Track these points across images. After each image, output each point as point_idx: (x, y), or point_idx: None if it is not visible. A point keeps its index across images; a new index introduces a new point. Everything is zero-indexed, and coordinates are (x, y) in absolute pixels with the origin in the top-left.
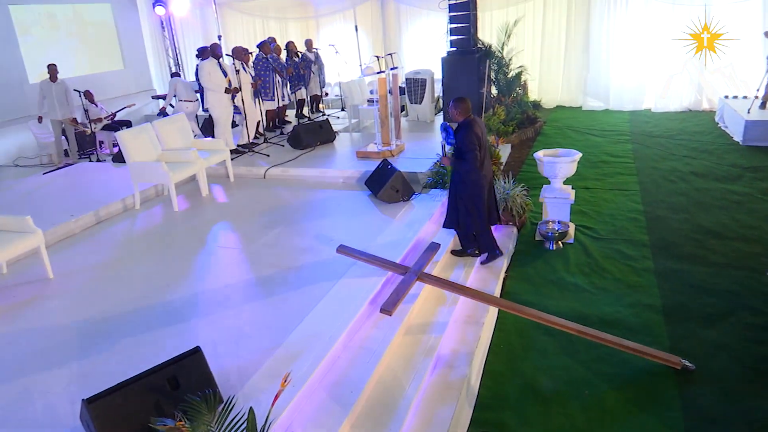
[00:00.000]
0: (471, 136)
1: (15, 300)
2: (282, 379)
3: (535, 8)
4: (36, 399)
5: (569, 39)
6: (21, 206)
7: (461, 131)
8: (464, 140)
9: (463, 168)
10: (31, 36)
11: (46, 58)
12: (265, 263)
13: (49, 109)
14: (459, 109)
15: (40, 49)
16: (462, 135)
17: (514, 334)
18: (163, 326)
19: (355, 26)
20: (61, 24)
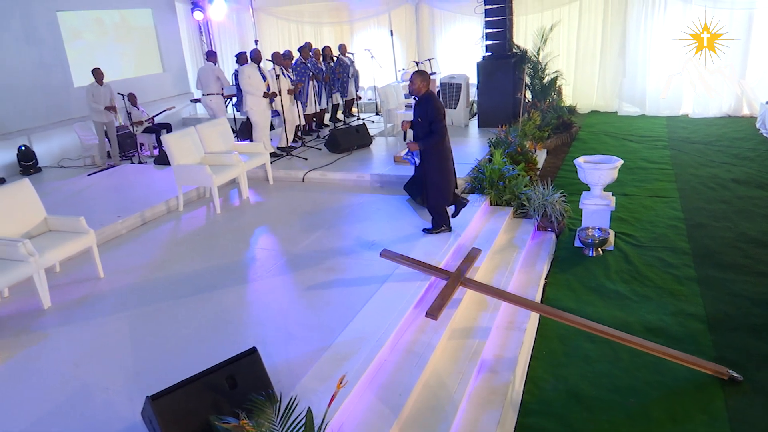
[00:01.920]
0: (439, 105)
1: (69, 298)
2: (338, 381)
3: (571, 12)
4: (95, 395)
5: (605, 43)
6: (69, 207)
7: (427, 103)
8: (434, 110)
9: (434, 140)
10: (82, 41)
11: (93, 62)
12: (307, 266)
13: (93, 112)
14: (424, 81)
15: (88, 54)
16: (430, 105)
17: (556, 341)
18: (212, 326)
19: (390, 31)
20: (109, 29)
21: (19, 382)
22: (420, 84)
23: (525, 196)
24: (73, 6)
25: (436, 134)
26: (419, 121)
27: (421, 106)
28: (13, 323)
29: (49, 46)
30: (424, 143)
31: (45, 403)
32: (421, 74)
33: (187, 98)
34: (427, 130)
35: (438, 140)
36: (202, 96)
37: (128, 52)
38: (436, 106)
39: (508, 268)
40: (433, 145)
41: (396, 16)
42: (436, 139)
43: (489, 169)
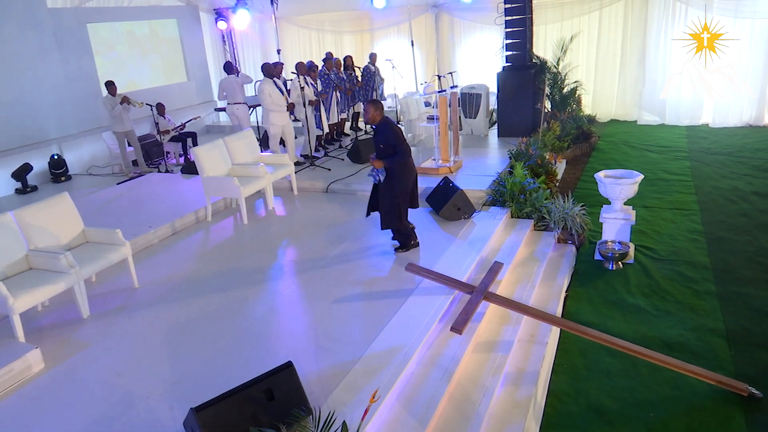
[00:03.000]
0: (395, 129)
1: (106, 308)
2: (371, 395)
3: (590, 22)
4: (137, 403)
5: (625, 52)
6: (101, 216)
7: (385, 129)
8: (392, 134)
9: (399, 160)
10: (115, 52)
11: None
12: (334, 278)
13: (111, 122)
14: (377, 110)
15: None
16: (388, 131)
17: (576, 355)
18: (244, 337)
19: (411, 41)
20: (139, 41)
21: (64, 390)
22: (374, 113)
23: (546, 209)
24: (101, 18)
25: (401, 154)
26: (381, 147)
27: (379, 134)
28: (54, 332)
29: (78, 57)
30: (389, 162)
31: (90, 411)
32: (374, 104)
33: (209, 106)
34: (391, 153)
35: (403, 160)
36: (228, 105)
37: (156, 63)
38: (394, 130)
39: (530, 282)
40: (398, 165)
41: (416, 25)
42: (401, 159)
43: (510, 182)
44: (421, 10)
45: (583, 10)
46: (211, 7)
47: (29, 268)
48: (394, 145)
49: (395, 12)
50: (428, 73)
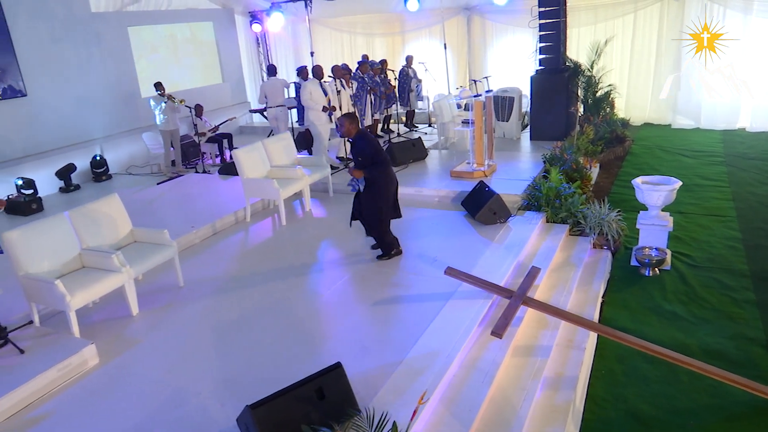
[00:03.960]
0: (371, 140)
1: (154, 306)
2: (419, 396)
3: (625, 24)
4: (189, 400)
5: (660, 55)
6: (144, 216)
7: (361, 141)
8: (369, 146)
9: (378, 169)
10: (158, 54)
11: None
12: (373, 281)
13: (161, 122)
14: (353, 123)
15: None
16: (366, 143)
17: (614, 360)
18: (289, 338)
19: (444, 44)
20: (180, 43)
21: (118, 385)
22: (349, 126)
23: (581, 214)
24: (141, 21)
25: (380, 164)
26: (359, 159)
27: (356, 147)
28: (105, 328)
29: (119, 60)
30: (368, 171)
31: (144, 406)
32: (348, 117)
33: (243, 108)
34: (368, 163)
35: (382, 169)
36: (267, 108)
37: (195, 64)
38: (370, 143)
39: (566, 287)
40: (378, 174)
41: (447, 27)
42: (381, 168)
43: (545, 186)
44: (453, 13)
45: (617, 13)
46: (246, 10)
47: (82, 266)
48: (371, 156)
49: (427, 14)
50: (459, 75)
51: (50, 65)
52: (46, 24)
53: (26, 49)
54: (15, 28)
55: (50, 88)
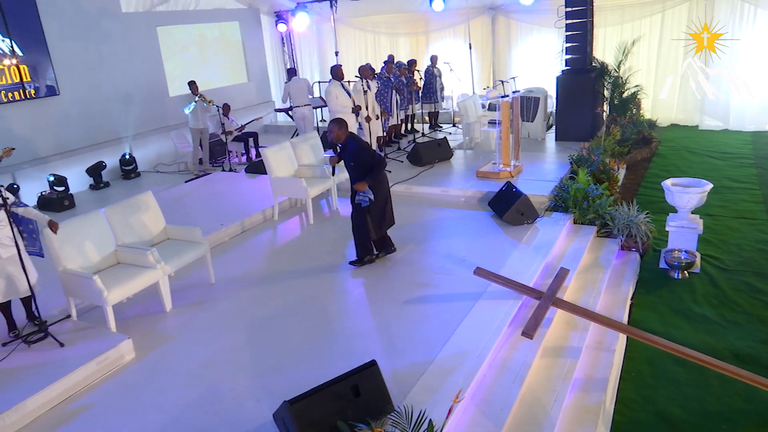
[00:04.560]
0: (363, 143)
1: (186, 302)
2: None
3: (652, 24)
4: (225, 395)
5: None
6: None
7: (353, 146)
8: (362, 150)
9: (378, 170)
10: (188, 53)
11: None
12: (401, 280)
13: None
14: (342, 129)
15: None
16: (356, 147)
17: (643, 363)
18: (320, 335)
19: (469, 44)
20: (209, 43)
21: (155, 379)
22: (338, 132)
23: (609, 215)
24: (170, 21)
25: (378, 164)
26: (352, 165)
27: (347, 152)
28: (140, 324)
29: (148, 59)
30: (370, 179)
31: (181, 400)
32: (337, 123)
33: (268, 107)
34: (366, 168)
35: (382, 169)
36: (293, 108)
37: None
38: (363, 146)
39: (595, 289)
40: (378, 176)
41: (472, 27)
42: (380, 169)
43: (573, 188)
44: (478, 12)
45: (645, 13)
46: (271, 10)
47: (117, 262)
48: (367, 161)
49: (452, 14)
50: (483, 75)
51: (82, 64)
52: (79, 24)
53: (59, 49)
54: (49, 29)
55: (81, 86)
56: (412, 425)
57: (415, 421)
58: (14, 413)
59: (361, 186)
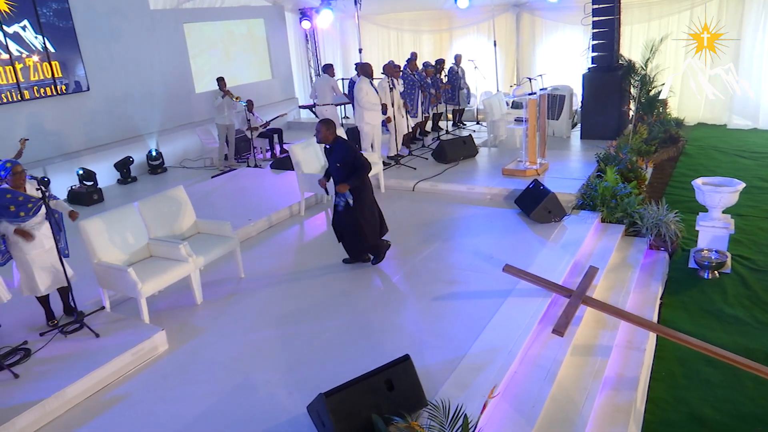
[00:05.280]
0: (350, 144)
1: (216, 295)
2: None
3: (680, 21)
4: (258, 387)
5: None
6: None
7: (340, 147)
8: (349, 150)
9: (363, 174)
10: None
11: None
12: (430, 277)
13: (216, 115)
14: (330, 129)
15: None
16: (344, 148)
17: (674, 363)
18: (351, 329)
19: (494, 41)
20: (236, 39)
21: (189, 370)
22: (326, 132)
23: (638, 214)
24: (196, 18)
25: (362, 168)
26: (338, 166)
27: (335, 153)
28: (172, 316)
29: (175, 56)
30: (353, 181)
31: (215, 392)
32: (326, 123)
33: (291, 104)
34: (350, 170)
35: (366, 172)
36: (317, 106)
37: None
38: (350, 147)
39: (624, 288)
40: (363, 179)
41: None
42: (363, 172)
43: (601, 186)
44: (503, 10)
45: (673, 10)
46: (296, 7)
47: (150, 255)
48: (352, 162)
49: (476, 11)
50: (507, 73)
51: (110, 61)
52: (108, 21)
53: (89, 46)
54: (80, 25)
55: (110, 83)
56: (449, 419)
57: (452, 415)
58: (55, 400)
59: (343, 188)
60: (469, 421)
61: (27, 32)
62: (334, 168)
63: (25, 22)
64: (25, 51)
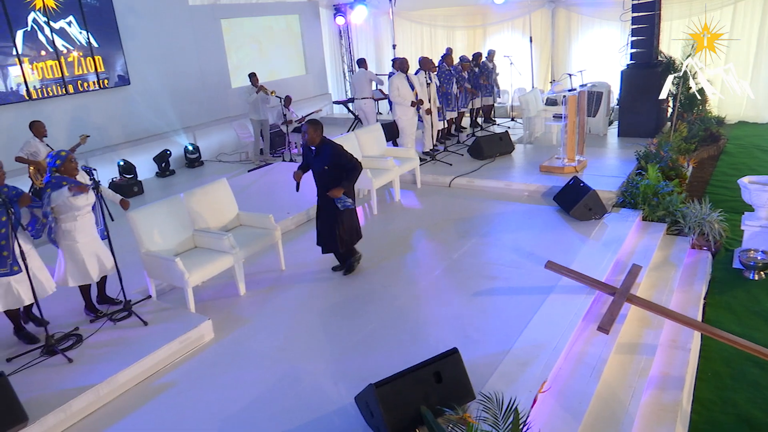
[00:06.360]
0: (338, 146)
1: (259, 287)
2: (540, 385)
3: (723, 17)
4: (303, 377)
5: (761, 49)
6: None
7: (329, 149)
8: (339, 152)
9: (356, 175)
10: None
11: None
12: (469, 272)
13: (249, 111)
14: (317, 131)
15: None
16: (333, 150)
17: (720, 363)
18: (392, 323)
19: (530, 37)
20: (275, 34)
21: (235, 360)
22: (313, 134)
23: (681, 213)
24: (233, 14)
25: (354, 169)
26: (326, 169)
27: (322, 155)
28: (216, 306)
29: (212, 51)
30: (346, 183)
31: (262, 381)
32: (313, 124)
33: (325, 99)
34: (340, 172)
35: (358, 174)
36: (355, 100)
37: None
38: (338, 149)
39: (667, 287)
40: (355, 180)
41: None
42: (356, 173)
43: (643, 184)
44: (538, 5)
45: (715, 5)
46: (330, 3)
47: (194, 246)
48: (342, 164)
49: (512, 7)
50: (541, 70)
51: (150, 56)
52: (149, 16)
53: (131, 40)
54: (122, 21)
55: (150, 77)
56: (502, 412)
57: (505, 408)
58: (107, 385)
59: (338, 192)
60: (519, 414)
61: (72, 28)
62: (321, 171)
63: (71, 18)
64: (70, 46)
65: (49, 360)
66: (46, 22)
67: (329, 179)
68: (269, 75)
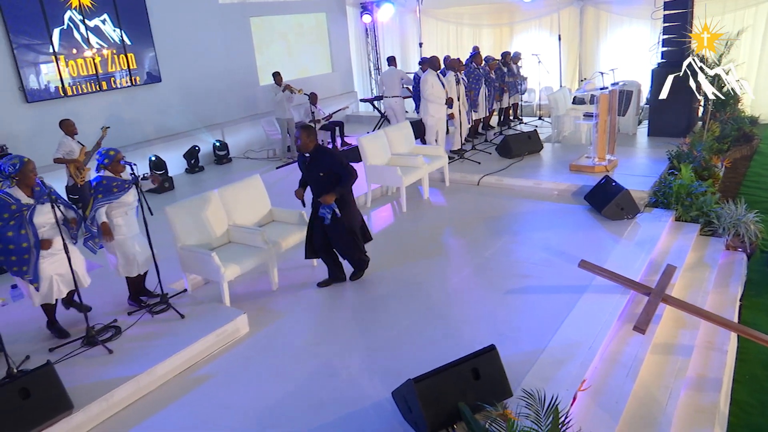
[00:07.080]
0: (333, 151)
1: (291, 282)
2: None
3: (758, 14)
4: (339, 371)
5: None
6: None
7: (323, 155)
8: (333, 158)
9: (350, 182)
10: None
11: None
12: (501, 270)
13: (275, 109)
14: (311, 137)
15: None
16: (327, 155)
17: (758, 366)
18: (426, 320)
19: (558, 35)
20: (304, 32)
21: (270, 353)
22: (307, 140)
23: (715, 213)
24: (262, 12)
25: (349, 175)
26: (321, 175)
27: (316, 161)
28: (250, 300)
29: (241, 49)
30: (339, 190)
31: (298, 374)
32: (306, 130)
33: (350, 97)
34: (334, 179)
35: (353, 180)
36: (385, 98)
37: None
38: (333, 155)
39: (702, 288)
40: (349, 187)
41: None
42: (351, 180)
43: (676, 184)
44: (567, 3)
45: (750, 2)
46: (357, 2)
47: (228, 241)
48: (336, 171)
49: (539, 5)
50: (569, 68)
51: (181, 54)
52: (180, 15)
53: (162, 38)
54: (153, 19)
55: (180, 74)
56: (545, 408)
57: (547, 405)
58: (147, 376)
59: (330, 198)
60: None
61: (106, 25)
62: (316, 178)
63: (105, 16)
64: (104, 43)
65: (90, 351)
66: (81, 20)
67: (325, 186)
68: (298, 73)
